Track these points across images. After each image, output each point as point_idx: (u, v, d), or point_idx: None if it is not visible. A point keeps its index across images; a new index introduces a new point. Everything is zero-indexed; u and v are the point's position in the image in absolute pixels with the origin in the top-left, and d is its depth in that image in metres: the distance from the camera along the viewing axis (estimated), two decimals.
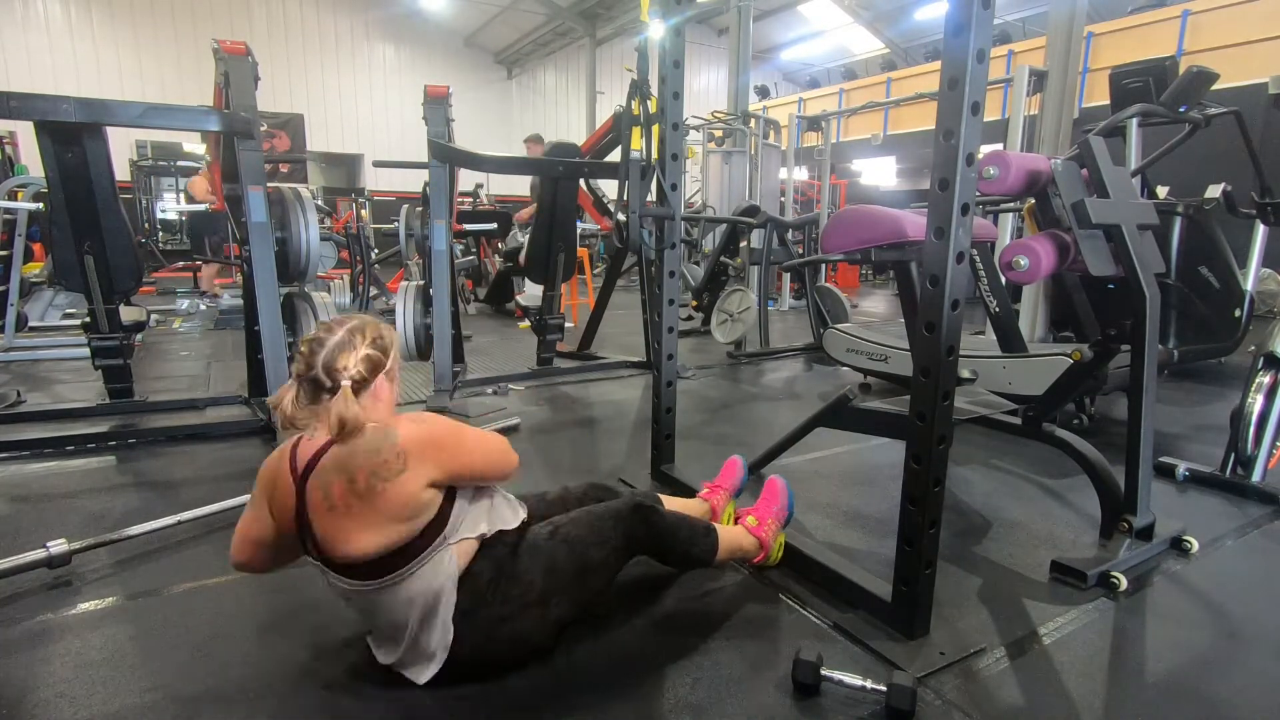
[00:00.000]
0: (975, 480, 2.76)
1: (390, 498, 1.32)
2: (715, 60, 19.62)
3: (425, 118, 3.75)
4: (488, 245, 8.83)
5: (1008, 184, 1.88)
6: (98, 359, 3.27)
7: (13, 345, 4.79)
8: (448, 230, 3.83)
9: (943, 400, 1.51)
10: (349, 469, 1.32)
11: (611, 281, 4.92)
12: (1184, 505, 2.52)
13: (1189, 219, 3.83)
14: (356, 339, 1.43)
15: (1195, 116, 3.18)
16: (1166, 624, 1.79)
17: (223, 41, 3.02)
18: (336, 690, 1.48)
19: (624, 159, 2.88)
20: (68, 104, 2.63)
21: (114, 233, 3.08)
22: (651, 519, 1.66)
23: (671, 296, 2.54)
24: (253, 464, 2.83)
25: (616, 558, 1.64)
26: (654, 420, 2.60)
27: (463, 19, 17.50)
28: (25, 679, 1.50)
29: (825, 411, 2.46)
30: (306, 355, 1.40)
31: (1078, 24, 5.79)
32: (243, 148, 2.95)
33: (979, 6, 1.35)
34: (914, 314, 1.98)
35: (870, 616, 1.73)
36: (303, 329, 3.21)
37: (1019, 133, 5.03)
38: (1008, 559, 2.12)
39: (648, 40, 2.85)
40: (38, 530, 2.20)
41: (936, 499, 1.57)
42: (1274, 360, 2.56)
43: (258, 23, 15.58)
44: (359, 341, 1.43)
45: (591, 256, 9.30)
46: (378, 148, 15.67)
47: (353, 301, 6.04)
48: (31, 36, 13.72)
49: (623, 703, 1.45)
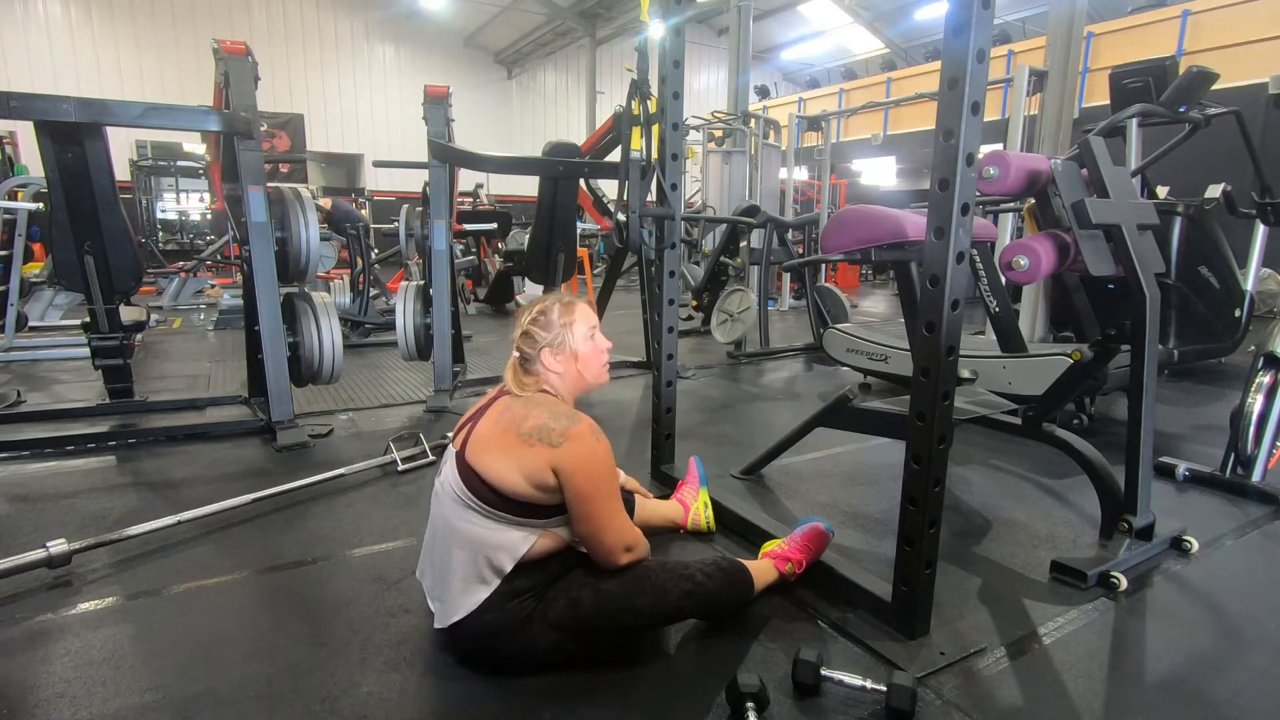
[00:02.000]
0: (975, 480, 2.76)
1: (532, 455, 1.46)
2: (715, 60, 19.64)
3: (425, 118, 3.75)
4: (488, 245, 8.83)
5: (1008, 184, 1.88)
6: (98, 359, 3.27)
7: (13, 345, 4.79)
8: (448, 230, 3.83)
9: (943, 400, 1.51)
10: (530, 410, 1.53)
11: (611, 281, 4.92)
12: (1184, 505, 2.52)
13: (1189, 219, 3.82)
14: (524, 317, 1.67)
15: (1195, 116, 3.18)
16: (1166, 624, 1.79)
17: (223, 41, 3.02)
18: (336, 690, 1.48)
19: (624, 159, 2.88)
20: (68, 104, 2.63)
21: (114, 233, 3.08)
22: (703, 596, 1.61)
23: (671, 296, 2.53)
24: (253, 464, 2.84)
25: (655, 619, 1.60)
26: (654, 420, 2.60)
27: (463, 19, 17.51)
28: (25, 679, 1.50)
29: (825, 411, 2.46)
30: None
31: (1078, 24, 5.78)
32: (243, 148, 2.95)
33: (979, 6, 1.35)
34: (914, 314, 1.98)
35: (870, 616, 1.73)
36: (302, 329, 3.21)
37: (1019, 133, 5.02)
38: (1008, 559, 2.12)
39: (648, 40, 2.85)
40: (38, 530, 2.20)
41: (936, 499, 1.56)
42: (1274, 360, 2.55)
43: (258, 23, 15.59)
44: (525, 319, 1.67)
45: (591, 256, 9.30)
46: (378, 148, 15.67)
47: (353, 301, 6.03)
48: (31, 36, 13.73)
49: (624, 702, 1.45)
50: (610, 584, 1.54)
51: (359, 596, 1.85)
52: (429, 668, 1.55)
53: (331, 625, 1.71)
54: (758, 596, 1.75)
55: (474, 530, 1.49)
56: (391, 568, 2.00)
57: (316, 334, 3.22)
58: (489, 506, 1.48)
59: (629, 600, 1.53)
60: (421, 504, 2.47)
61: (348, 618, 1.74)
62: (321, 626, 1.71)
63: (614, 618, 1.52)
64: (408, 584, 1.90)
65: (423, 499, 2.51)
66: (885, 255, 2.05)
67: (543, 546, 1.51)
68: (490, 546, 1.48)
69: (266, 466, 2.83)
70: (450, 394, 3.84)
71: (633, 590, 1.53)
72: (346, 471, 2.65)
